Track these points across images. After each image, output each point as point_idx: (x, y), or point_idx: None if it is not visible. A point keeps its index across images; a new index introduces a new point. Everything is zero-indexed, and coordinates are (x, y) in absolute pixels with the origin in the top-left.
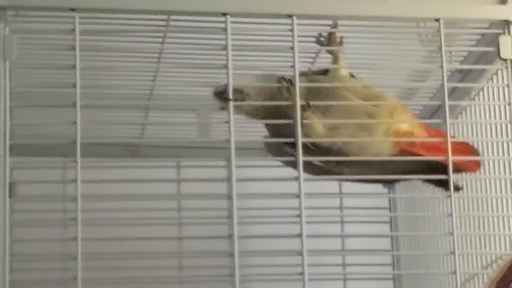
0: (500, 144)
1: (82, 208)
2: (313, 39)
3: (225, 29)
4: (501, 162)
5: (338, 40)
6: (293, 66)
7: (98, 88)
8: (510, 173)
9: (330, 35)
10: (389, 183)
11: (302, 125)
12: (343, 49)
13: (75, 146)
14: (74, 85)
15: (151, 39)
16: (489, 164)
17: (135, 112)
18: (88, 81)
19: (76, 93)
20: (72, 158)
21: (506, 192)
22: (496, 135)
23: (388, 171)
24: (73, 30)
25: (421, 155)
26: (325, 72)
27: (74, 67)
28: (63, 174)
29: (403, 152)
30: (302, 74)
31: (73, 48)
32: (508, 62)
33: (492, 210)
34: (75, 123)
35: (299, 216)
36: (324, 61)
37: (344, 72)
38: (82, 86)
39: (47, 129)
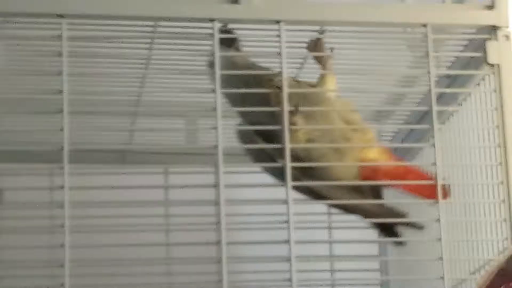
0: (487, 149)
1: (69, 215)
2: (301, 44)
3: (212, 35)
4: (488, 167)
5: (324, 46)
6: (280, 72)
7: (86, 94)
8: (498, 179)
9: (316, 41)
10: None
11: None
12: (331, 56)
13: (62, 152)
14: (61, 92)
15: (139, 45)
16: (476, 169)
17: (123, 118)
18: (76, 88)
19: (63, 100)
20: (59, 165)
21: (494, 197)
22: (484, 140)
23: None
24: (60, 36)
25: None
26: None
27: (61, 73)
28: (50, 181)
29: (366, 179)
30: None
31: (60, 55)
32: (496, 67)
33: (480, 216)
34: (62, 129)
35: (287, 222)
36: (312, 66)
37: (331, 91)
38: (69, 93)
39: (34, 136)
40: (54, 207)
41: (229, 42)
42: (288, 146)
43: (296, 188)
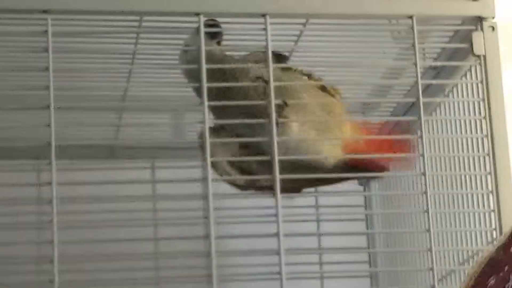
0: (475, 140)
1: (57, 211)
2: (287, 38)
3: (198, 29)
4: (476, 158)
5: None
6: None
7: (72, 90)
8: (486, 169)
9: None
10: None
11: (277, 124)
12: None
13: (50, 148)
14: (47, 88)
15: (124, 40)
16: (464, 160)
17: (110, 114)
18: (62, 83)
19: (50, 95)
20: (46, 161)
21: (482, 188)
22: (471, 131)
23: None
24: (46, 32)
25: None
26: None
27: (47, 69)
28: (37, 177)
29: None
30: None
31: (46, 50)
32: (481, 58)
33: (468, 206)
34: (49, 125)
35: (275, 215)
36: (298, 59)
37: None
38: (56, 88)
39: (21, 132)
40: (42, 203)
41: (212, 35)
42: (275, 139)
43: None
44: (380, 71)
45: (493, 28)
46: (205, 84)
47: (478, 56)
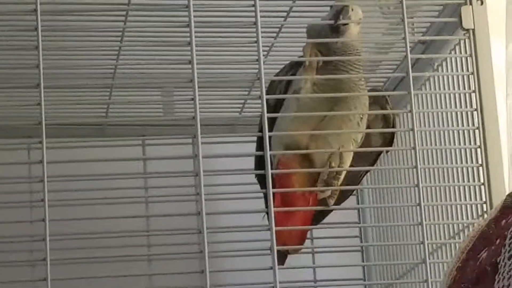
0: (464, 114)
1: (48, 189)
2: (276, 14)
3: (187, 6)
4: (466, 132)
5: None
6: (256, 42)
7: (62, 68)
8: (475, 143)
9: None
10: None
11: None
12: None
13: (40, 127)
14: (37, 66)
15: (113, 18)
16: (454, 134)
17: (99, 92)
18: (51, 62)
19: (40, 74)
20: (37, 139)
21: (472, 162)
22: (461, 105)
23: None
24: (35, 10)
25: None
26: None
27: (36, 48)
28: (28, 155)
29: None
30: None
31: (35, 29)
32: (470, 32)
33: (458, 180)
34: (39, 104)
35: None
36: (287, 36)
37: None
38: (45, 67)
39: (12, 111)
40: (33, 181)
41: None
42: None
43: None
44: (369, 46)
45: (481, 2)
46: (194, 61)
47: (467, 30)
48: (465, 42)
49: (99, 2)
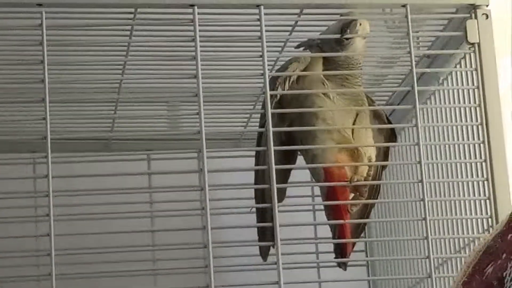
0: (469, 128)
1: (54, 204)
2: (281, 27)
3: (192, 21)
4: (471, 146)
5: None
6: (261, 56)
7: (67, 82)
8: (481, 157)
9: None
10: None
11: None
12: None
13: (46, 141)
14: (42, 81)
15: (119, 32)
16: (459, 148)
17: (105, 106)
18: (57, 76)
19: (45, 89)
20: (42, 154)
21: (477, 176)
22: (466, 119)
23: None
24: (40, 25)
25: None
26: None
27: (42, 62)
28: (33, 170)
29: None
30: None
31: (41, 43)
32: (476, 46)
33: (464, 194)
34: (44, 118)
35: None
36: (292, 50)
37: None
38: (51, 82)
39: (17, 125)
40: (39, 196)
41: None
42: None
43: None
44: (375, 60)
45: (487, 16)
46: (199, 76)
47: (472, 44)
48: (470, 56)
49: (105, 17)
